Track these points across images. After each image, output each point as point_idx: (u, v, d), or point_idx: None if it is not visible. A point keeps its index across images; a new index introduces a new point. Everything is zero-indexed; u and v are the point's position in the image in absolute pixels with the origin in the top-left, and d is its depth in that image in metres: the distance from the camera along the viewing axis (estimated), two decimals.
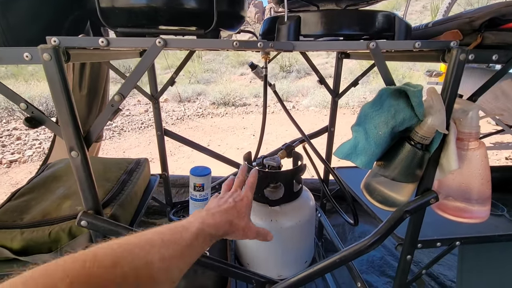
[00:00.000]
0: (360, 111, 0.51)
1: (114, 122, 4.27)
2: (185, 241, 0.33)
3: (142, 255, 0.26)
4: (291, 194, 0.78)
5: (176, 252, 0.31)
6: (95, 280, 0.22)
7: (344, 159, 0.52)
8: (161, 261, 0.28)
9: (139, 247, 0.27)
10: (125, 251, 0.25)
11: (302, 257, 0.84)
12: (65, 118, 0.44)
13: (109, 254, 0.24)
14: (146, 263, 0.26)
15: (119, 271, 0.23)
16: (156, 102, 0.96)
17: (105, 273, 0.22)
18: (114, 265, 0.23)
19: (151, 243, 0.29)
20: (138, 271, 0.25)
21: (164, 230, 0.33)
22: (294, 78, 7.93)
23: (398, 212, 0.56)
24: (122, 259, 0.24)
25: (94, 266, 0.22)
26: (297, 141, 0.99)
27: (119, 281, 0.23)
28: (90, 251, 0.24)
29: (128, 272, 0.24)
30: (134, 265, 0.25)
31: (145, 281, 0.26)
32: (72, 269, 0.21)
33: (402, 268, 0.65)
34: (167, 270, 0.29)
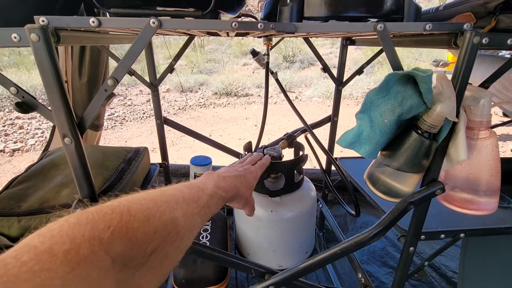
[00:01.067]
0: (365, 98, 0.48)
1: (116, 112, 4.26)
2: (203, 200, 0.34)
3: (168, 210, 0.27)
4: (292, 184, 0.76)
5: (196, 209, 0.32)
6: (132, 233, 0.22)
7: (347, 148, 0.50)
8: (184, 217, 0.28)
9: (165, 202, 0.28)
10: (154, 206, 0.26)
11: (303, 248, 0.83)
12: (57, 104, 0.42)
13: (141, 209, 0.24)
14: (172, 218, 0.27)
15: (151, 225, 0.24)
16: (155, 90, 0.94)
17: (140, 227, 0.23)
18: (147, 219, 0.24)
19: (174, 199, 0.29)
20: (166, 225, 0.26)
21: (182, 188, 0.33)
22: (298, 68, 7.82)
23: (402, 203, 0.54)
24: (153, 214, 0.25)
25: (130, 220, 0.23)
26: (299, 131, 0.97)
27: (152, 235, 0.24)
28: (123, 204, 0.24)
29: (158, 226, 0.25)
30: (163, 220, 0.25)
31: (172, 235, 0.26)
32: (112, 219, 0.22)
33: (404, 260, 0.64)
34: (189, 226, 0.29)
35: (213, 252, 0.54)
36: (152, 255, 0.23)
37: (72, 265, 0.17)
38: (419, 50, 8.22)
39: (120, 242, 0.21)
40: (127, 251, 0.21)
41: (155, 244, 0.24)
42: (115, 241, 0.20)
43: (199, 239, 0.78)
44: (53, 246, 0.17)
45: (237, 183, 0.46)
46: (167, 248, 0.25)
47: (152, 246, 0.23)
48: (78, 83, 1.21)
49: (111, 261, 0.20)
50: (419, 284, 1.08)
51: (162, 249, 0.25)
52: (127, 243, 0.21)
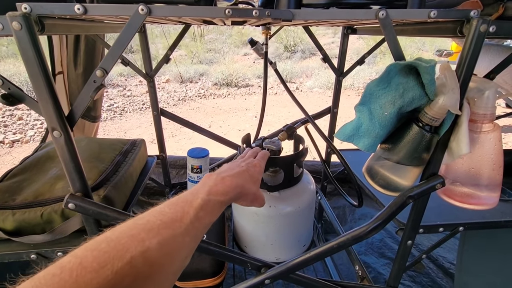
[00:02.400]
0: (365, 89, 0.46)
1: (115, 103, 4.23)
2: (190, 216, 0.31)
3: (135, 245, 0.24)
4: (291, 179, 0.75)
5: (179, 229, 0.29)
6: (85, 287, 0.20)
7: (346, 141, 0.49)
8: (160, 245, 0.26)
9: (132, 237, 0.25)
10: (115, 246, 0.24)
11: (301, 241, 0.83)
12: (44, 96, 0.41)
13: (97, 257, 0.22)
14: (141, 252, 0.24)
15: (110, 270, 0.22)
16: (151, 81, 0.92)
17: (95, 277, 0.21)
18: (104, 266, 0.22)
19: (148, 227, 0.27)
20: (133, 262, 0.23)
21: (163, 209, 0.30)
22: (299, 58, 7.72)
23: (401, 198, 0.53)
24: (112, 256, 0.23)
25: (81, 274, 0.21)
26: (299, 122, 0.95)
27: (113, 281, 0.22)
28: (76, 257, 0.22)
29: (121, 267, 0.22)
30: (127, 258, 0.23)
31: (144, 270, 0.24)
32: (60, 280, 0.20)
33: (402, 253, 0.63)
34: (170, 252, 0.26)
35: (209, 246, 0.53)
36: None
37: None
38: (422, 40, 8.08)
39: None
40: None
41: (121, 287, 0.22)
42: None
43: None
44: None
45: (239, 181, 0.43)
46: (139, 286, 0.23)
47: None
48: (73, 73, 1.19)
49: None
50: (417, 275, 1.08)
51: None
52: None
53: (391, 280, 0.66)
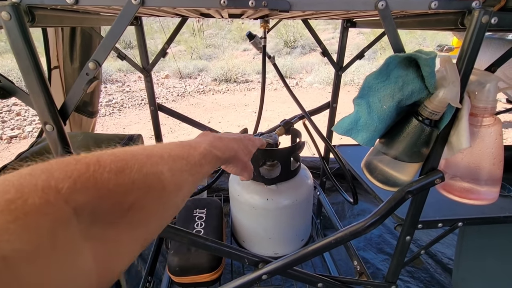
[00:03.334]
0: (363, 82, 0.45)
1: (114, 98, 4.21)
2: (194, 158, 0.31)
3: (150, 163, 0.24)
4: (288, 172, 0.75)
5: (186, 167, 0.28)
6: (102, 184, 0.19)
7: (344, 135, 0.48)
8: (171, 172, 0.25)
9: (147, 156, 0.24)
10: (132, 158, 0.22)
11: (298, 235, 0.83)
12: (35, 89, 0.40)
13: (114, 160, 0.21)
14: (155, 172, 0.23)
15: (127, 176, 0.21)
16: (148, 76, 0.90)
17: (112, 178, 0.20)
18: (121, 171, 0.21)
19: (159, 154, 0.26)
20: (148, 177, 0.22)
21: (171, 145, 0.30)
22: (299, 54, 7.67)
23: (400, 193, 0.52)
24: (130, 165, 0.21)
25: (99, 170, 0.19)
26: (296, 117, 0.94)
27: (128, 187, 0.20)
28: (92, 155, 0.21)
29: (137, 178, 0.21)
30: (143, 172, 0.22)
31: (156, 188, 0.23)
32: (75, 169, 0.18)
33: (400, 249, 0.63)
34: (177, 182, 0.26)
35: (206, 242, 0.53)
36: (130, 209, 0.20)
37: (16, 214, 0.14)
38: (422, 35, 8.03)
39: (85, 192, 0.18)
40: (96, 203, 0.18)
41: (133, 197, 0.21)
42: (79, 192, 0.17)
43: (194, 226, 0.78)
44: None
45: (235, 145, 0.43)
46: (150, 203, 0.22)
47: (130, 199, 0.20)
48: (70, 68, 1.17)
49: (73, 212, 0.17)
50: (415, 270, 1.08)
51: (144, 204, 0.22)
52: (95, 194, 0.18)
53: (390, 276, 0.66)
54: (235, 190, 0.78)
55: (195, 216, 0.81)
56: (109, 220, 0.19)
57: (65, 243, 0.16)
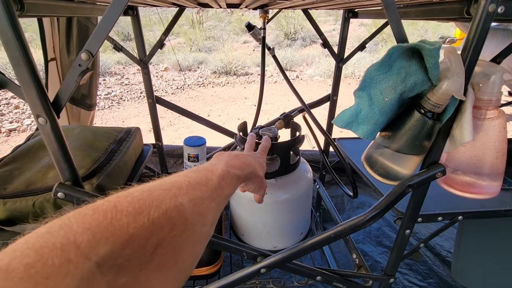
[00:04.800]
0: (364, 73, 0.44)
1: (112, 91, 4.18)
2: (213, 182, 0.30)
3: (169, 198, 0.23)
4: (287, 166, 0.74)
5: (206, 193, 0.27)
6: (121, 230, 0.18)
7: (344, 128, 0.47)
8: (192, 203, 0.24)
9: (164, 191, 0.23)
10: (149, 196, 0.22)
11: (298, 229, 0.82)
12: (26, 81, 0.39)
13: (131, 202, 0.20)
14: (175, 206, 0.23)
15: (146, 217, 0.20)
16: (145, 67, 0.89)
17: (132, 222, 0.19)
18: (140, 212, 0.20)
19: (177, 185, 0.25)
20: (168, 214, 0.22)
21: (187, 173, 0.29)
22: (299, 46, 7.59)
23: (400, 187, 0.52)
24: (148, 204, 0.21)
25: (116, 217, 0.19)
26: (296, 111, 0.93)
27: (149, 228, 0.20)
28: (109, 201, 0.20)
29: (158, 217, 0.21)
30: (162, 209, 0.21)
31: (180, 223, 0.22)
32: (93, 220, 0.18)
33: (399, 242, 0.63)
34: (200, 211, 0.25)
35: None
36: (156, 250, 0.20)
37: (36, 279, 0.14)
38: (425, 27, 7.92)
39: (105, 243, 0.17)
40: (119, 251, 0.18)
41: (157, 238, 0.20)
42: (98, 243, 0.17)
43: None
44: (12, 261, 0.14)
45: (252, 161, 0.43)
46: (176, 240, 0.21)
47: (153, 240, 0.20)
48: (66, 60, 1.15)
49: (96, 266, 0.16)
50: (413, 263, 1.09)
51: (170, 242, 0.21)
52: (115, 242, 0.18)
53: (388, 269, 0.66)
54: None
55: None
56: (135, 266, 0.19)
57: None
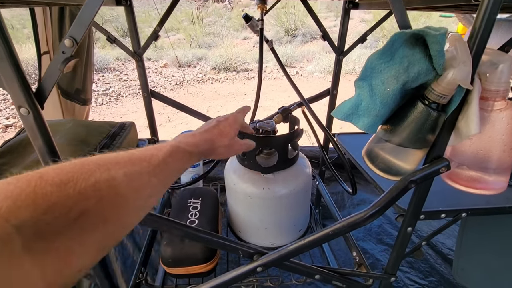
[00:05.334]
0: (365, 62, 0.42)
1: (111, 87, 4.15)
2: (158, 158, 0.31)
3: (101, 171, 0.24)
4: (285, 160, 0.72)
5: (146, 168, 0.29)
6: (43, 198, 0.19)
7: (344, 120, 0.45)
8: (127, 177, 0.25)
9: (97, 165, 0.24)
10: (80, 169, 0.23)
11: (296, 226, 0.80)
12: (7, 71, 0.36)
13: (59, 173, 0.21)
14: (106, 179, 0.24)
15: (72, 188, 0.21)
16: (140, 60, 0.86)
17: (56, 191, 0.20)
18: (66, 183, 0.21)
19: (114, 160, 0.26)
20: (97, 186, 0.23)
21: (132, 151, 0.30)
22: (300, 42, 7.54)
23: (402, 182, 0.50)
24: (76, 176, 0.22)
25: (40, 185, 0.20)
26: (295, 105, 0.91)
27: (75, 198, 0.21)
28: (36, 172, 0.21)
29: (85, 188, 0.22)
30: (91, 181, 0.22)
31: (109, 195, 0.23)
32: (15, 188, 0.19)
33: (401, 240, 0.61)
34: (136, 186, 0.26)
35: (198, 233, 0.51)
36: (79, 218, 0.21)
37: None
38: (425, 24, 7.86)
39: (26, 209, 0.19)
40: (39, 217, 0.19)
41: (81, 207, 0.21)
42: (19, 209, 0.18)
43: (188, 216, 0.75)
44: None
45: (208, 135, 0.44)
46: (103, 209, 0.23)
47: (78, 208, 0.21)
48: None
49: (14, 228, 0.18)
50: (415, 261, 1.07)
51: (96, 212, 0.22)
52: (36, 209, 0.19)
53: (389, 267, 0.64)
54: (231, 179, 0.76)
55: (190, 206, 0.79)
56: (55, 231, 0.20)
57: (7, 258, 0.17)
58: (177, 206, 0.80)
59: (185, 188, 0.89)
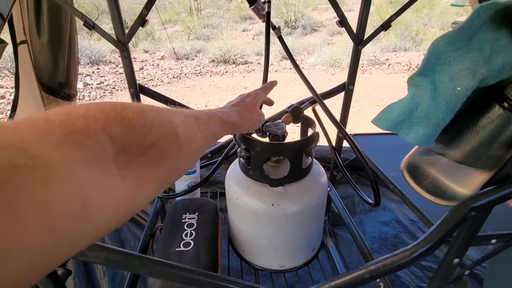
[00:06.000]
0: (428, 50, 0.30)
1: (105, 80, 4.00)
2: (202, 118, 0.33)
3: (165, 113, 0.26)
4: (298, 171, 0.60)
5: (195, 123, 0.30)
6: (128, 120, 0.21)
7: (390, 130, 0.33)
8: (183, 125, 0.27)
9: (162, 108, 0.26)
10: (150, 108, 0.25)
11: (309, 245, 0.69)
12: None
13: (136, 106, 0.23)
14: (170, 121, 0.25)
15: (147, 118, 0.23)
16: (125, 50, 0.73)
17: (135, 118, 0.22)
18: (142, 113, 0.23)
19: (173, 111, 0.28)
20: (164, 124, 0.24)
21: (181, 109, 0.31)
22: (300, 34, 7.36)
23: (461, 210, 0.38)
24: (148, 111, 0.24)
25: (124, 110, 0.21)
26: (307, 102, 0.78)
27: (148, 128, 0.23)
28: (118, 102, 0.23)
29: (155, 122, 0.23)
30: (160, 118, 0.24)
31: (171, 134, 0.25)
32: (106, 107, 0.20)
33: (444, 272, 0.49)
34: (188, 135, 0.28)
35: (192, 275, 0.39)
36: (151, 148, 0.23)
37: (68, 129, 0.17)
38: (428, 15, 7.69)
39: (115, 125, 0.20)
40: (124, 136, 0.20)
41: (152, 137, 0.23)
42: (111, 123, 0.20)
43: (182, 237, 0.64)
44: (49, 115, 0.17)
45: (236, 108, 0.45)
46: (166, 146, 0.24)
47: (150, 138, 0.23)
48: (38, 42, 1.00)
49: (109, 139, 0.19)
50: None
51: (161, 145, 0.24)
52: (123, 128, 0.21)
53: None
54: (233, 192, 0.64)
55: (185, 222, 0.67)
56: (133, 153, 0.21)
57: (101, 161, 0.18)
58: (169, 222, 0.68)
59: (180, 199, 0.77)
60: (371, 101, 3.43)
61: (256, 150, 0.57)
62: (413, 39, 6.35)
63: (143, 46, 6.55)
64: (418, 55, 5.55)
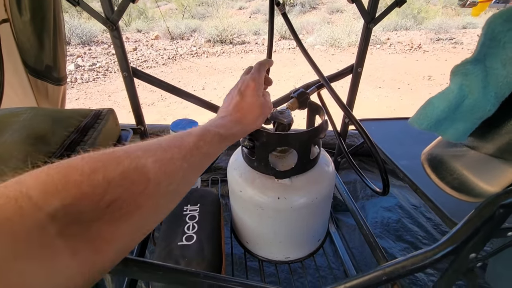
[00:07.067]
0: (483, 31, 0.25)
1: (98, 62, 3.85)
2: (188, 144, 0.30)
3: (130, 159, 0.23)
4: (306, 162, 0.56)
5: (178, 154, 0.28)
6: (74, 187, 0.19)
7: (429, 130, 0.29)
8: (158, 163, 0.25)
9: (127, 153, 0.24)
10: (109, 157, 0.23)
11: (315, 236, 0.67)
12: None
13: (88, 162, 0.21)
14: (136, 167, 0.23)
15: (102, 176, 0.21)
16: (114, 29, 0.67)
17: (86, 180, 0.20)
18: (94, 172, 0.21)
19: (145, 148, 0.26)
20: (127, 173, 0.22)
21: (164, 137, 0.30)
22: (298, 12, 7.10)
23: (489, 207, 0.34)
24: (105, 165, 0.22)
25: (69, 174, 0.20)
26: (313, 87, 0.73)
27: (104, 186, 0.21)
28: (65, 161, 0.21)
29: (114, 176, 0.22)
30: (120, 169, 0.22)
31: (139, 182, 0.23)
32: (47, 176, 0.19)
33: (457, 267, 0.47)
34: (167, 172, 0.26)
35: (196, 278, 0.36)
36: (110, 206, 0.21)
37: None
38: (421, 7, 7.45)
39: (57, 197, 0.19)
40: (70, 205, 0.19)
41: (111, 195, 0.21)
42: (51, 197, 0.18)
43: (184, 230, 0.61)
44: None
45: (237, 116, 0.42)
46: (133, 197, 0.22)
47: (108, 197, 0.21)
48: (19, 21, 0.92)
49: (48, 216, 0.18)
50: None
51: (126, 199, 0.22)
52: (68, 197, 0.19)
53: None
54: (236, 184, 0.60)
55: (186, 215, 0.64)
56: (89, 217, 0.20)
57: (42, 245, 0.17)
58: (170, 217, 0.65)
59: None
60: (372, 82, 3.36)
61: (261, 141, 0.53)
62: (415, 17, 6.16)
63: (136, 25, 6.29)
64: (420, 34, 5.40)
